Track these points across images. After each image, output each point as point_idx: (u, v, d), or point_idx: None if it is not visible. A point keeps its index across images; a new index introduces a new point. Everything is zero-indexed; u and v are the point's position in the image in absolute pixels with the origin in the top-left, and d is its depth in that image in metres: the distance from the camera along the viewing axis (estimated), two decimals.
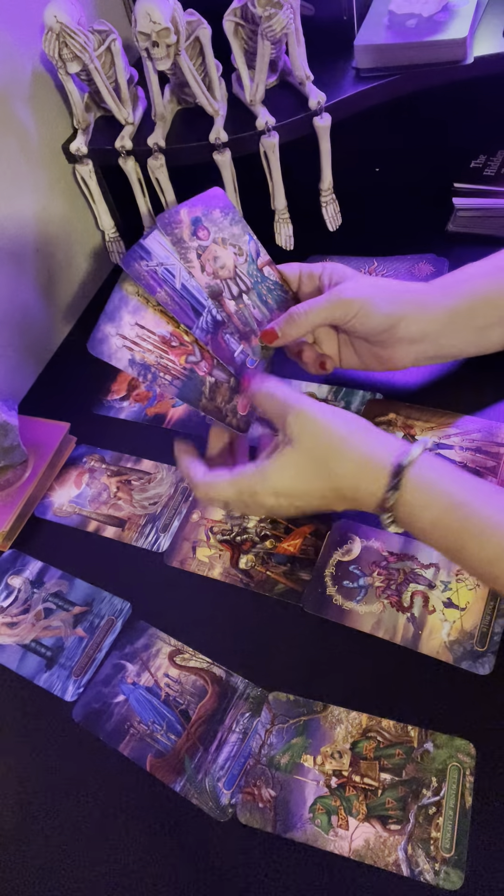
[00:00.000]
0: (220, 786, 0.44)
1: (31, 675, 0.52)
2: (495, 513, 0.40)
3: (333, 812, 0.42)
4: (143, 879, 0.42)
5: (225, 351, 0.54)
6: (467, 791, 0.41)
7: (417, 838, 0.40)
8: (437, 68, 0.65)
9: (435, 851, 0.40)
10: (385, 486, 0.42)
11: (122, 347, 0.51)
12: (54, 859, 0.44)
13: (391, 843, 0.40)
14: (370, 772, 0.43)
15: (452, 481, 0.42)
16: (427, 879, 0.39)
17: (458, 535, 0.41)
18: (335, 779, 0.43)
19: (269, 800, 0.43)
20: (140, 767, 0.46)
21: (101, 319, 0.51)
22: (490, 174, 0.71)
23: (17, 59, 0.66)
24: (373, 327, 0.54)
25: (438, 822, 0.40)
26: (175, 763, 0.45)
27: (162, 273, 0.52)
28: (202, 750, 0.45)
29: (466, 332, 0.55)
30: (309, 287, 0.59)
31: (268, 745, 0.45)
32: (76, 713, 0.49)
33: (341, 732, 0.45)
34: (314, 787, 0.43)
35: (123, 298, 0.52)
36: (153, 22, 0.59)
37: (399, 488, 0.42)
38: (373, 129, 0.75)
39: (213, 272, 0.54)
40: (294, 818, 0.42)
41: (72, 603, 0.55)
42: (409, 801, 0.41)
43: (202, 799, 0.43)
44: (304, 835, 0.42)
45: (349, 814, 0.42)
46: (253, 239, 0.57)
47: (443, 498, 0.42)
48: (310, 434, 0.45)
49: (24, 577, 0.57)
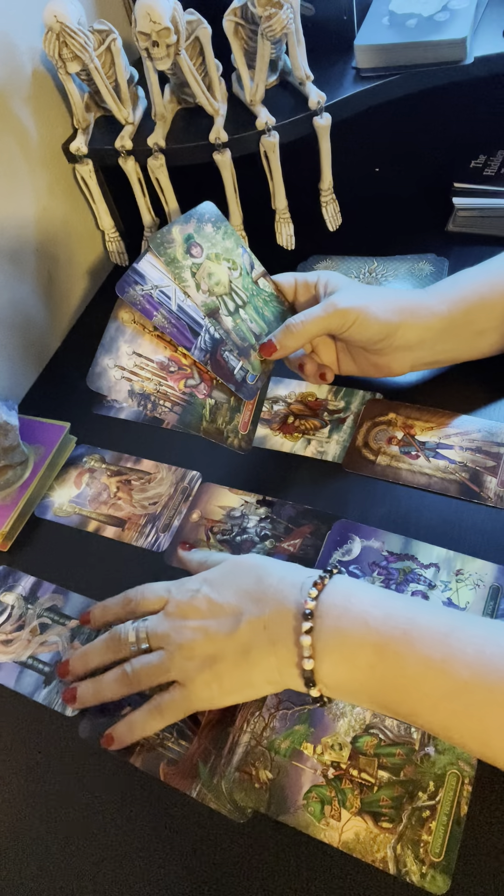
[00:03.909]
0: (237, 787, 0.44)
1: (29, 693, 0.51)
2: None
3: (327, 802, 0.42)
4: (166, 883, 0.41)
5: (224, 369, 0.54)
6: (464, 799, 0.41)
7: (408, 839, 0.40)
8: (437, 68, 0.65)
9: (424, 854, 0.40)
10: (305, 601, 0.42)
11: (120, 379, 0.51)
12: (70, 878, 0.42)
13: (381, 840, 0.40)
14: (368, 767, 0.43)
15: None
16: (412, 880, 0.39)
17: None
18: (333, 770, 0.43)
19: (265, 781, 0.44)
20: (154, 777, 0.45)
21: (98, 352, 0.51)
22: (490, 174, 0.71)
23: (17, 59, 0.66)
24: (370, 336, 0.54)
25: (431, 825, 0.40)
26: (189, 769, 0.45)
27: (157, 296, 0.52)
28: (215, 754, 0.45)
29: (463, 338, 0.56)
30: (305, 296, 0.59)
31: (270, 729, 0.45)
32: (82, 730, 0.48)
33: (344, 725, 0.45)
34: (311, 775, 0.43)
35: (119, 328, 0.52)
36: (153, 22, 0.59)
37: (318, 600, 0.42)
38: (373, 129, 0.75)
39: (208, 289, 0.54)
40: (288, 803, 0.43)
41: (67, 616, 0.54)
42: (404, 801, 0.41)
43: (220, 802, 0.43)
44: (295, 820, 0.42)
45: (343, 806, 0.42)
46: (246, 251, 0.57)
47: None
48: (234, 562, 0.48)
49: (16, 593, 0.57)
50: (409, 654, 0.38)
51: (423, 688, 0.37)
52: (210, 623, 0.44)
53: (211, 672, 0.43)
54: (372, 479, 0.57)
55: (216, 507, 0.58)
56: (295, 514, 0.56)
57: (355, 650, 0.39)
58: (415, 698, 0.38)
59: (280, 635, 0.42)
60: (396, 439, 0.58)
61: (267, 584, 0.44)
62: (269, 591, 0.43)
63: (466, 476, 0.55)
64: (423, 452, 0.57)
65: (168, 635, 0.45)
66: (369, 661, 0.39)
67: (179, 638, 0.44)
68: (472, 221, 0.73)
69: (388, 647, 0.39)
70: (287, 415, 0.63)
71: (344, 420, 0.61)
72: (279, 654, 0.42)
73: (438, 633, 0.38)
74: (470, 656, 0.37)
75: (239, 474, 0.60)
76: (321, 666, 0.40)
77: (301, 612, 0.41)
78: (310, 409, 0.63)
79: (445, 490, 0.54)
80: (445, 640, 0.38)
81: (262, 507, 0.57)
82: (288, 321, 0.55)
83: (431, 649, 0.38)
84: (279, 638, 0.42)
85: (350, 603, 0.41)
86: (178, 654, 0.44)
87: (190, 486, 0.60)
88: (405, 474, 0.56)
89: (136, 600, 0.49)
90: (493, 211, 0.71)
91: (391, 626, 0.39)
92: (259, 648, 0.42)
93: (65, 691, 0.48)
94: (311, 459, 0.59)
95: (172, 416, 0.52)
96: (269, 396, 0.65)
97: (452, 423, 0.58)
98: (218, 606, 0.44)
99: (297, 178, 0.71)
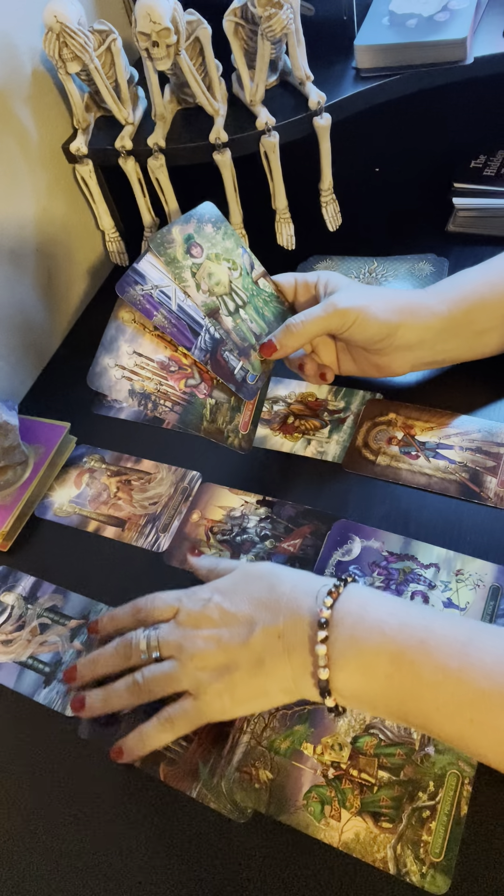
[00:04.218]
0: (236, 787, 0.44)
1: (29, 692, 0.51)
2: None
3: (327, 802, 0.42)
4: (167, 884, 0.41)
5: (225, 369, 0.54)
6: (464, 800, 0.41)
7: (408, 839, 0.40)
8: (437, 68, 0.65)
9: (424, 854, 0.40)
10: (322, 605, 0.42)
11: (121, 378, 0.51)
12: (71, 879, 0.42)
13: (381, 840, 0.40)
14: (368, 768, 0.43)
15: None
16: (412, 880, 0.39)
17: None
18: (333, 770, 0.43)
19: (265, 781, 0.43)
20: (154, 777, 0.45)
21: (98, 352, 0.51)
22: (490, 174, 0.71)
23: (17, 59, 0.66)
24: (370, 336, 0.54)
25: (431, 826, 0.40)
26: (189, 769, 0.45)
27: (158, 296, 0.52)
28: (215, 754, 0.45)
29: (463, 338, 0.56)
30: (305, 296, 0.59)
31: (270, 729, 0.45)
32: (81, 730, 0.48)
33: (344, 726, 0.45)
34: (311, 776, 0.43)
35: (119, 327, 0.52)
36: (153, 22, 0.59)
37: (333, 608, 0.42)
38: (373, 129, 0.75)
39: (208, 289, 0.54)
40: (288, 803, 0.43)
41: (67, 616, 0.54)
42: (404, 801, 0.41)
43: (220, 803, 0.43)
44: (295, 820, 0.42)
45: (342, 806, 0.42)
46: (246, 252, 0.58)
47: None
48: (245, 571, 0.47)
49: (16, 593, 0.57)
50: (426, 664, 0.38)
51: (440, 697, 0.37)
52: (223, 632, 0.44)
53: (224, 682, 0.43)
54: (372, 479, 0.57)
55: (216, 507, 0.58)
56: (295, 515, 0.56)
57: (371, 659, 0.39)
58: (432, 708, 0.38)
59: (295, 644, 0.41)
60: (396, 439, 0.58)
61: (280, 592, 0.44)
62: (283, 599, 0.43)
63: (466, 476, 0.55)
64: (423, 452, 0.57)
65: (180, 644, 0.44)
66: (385, 670, 0.39)
67: (192, 647, 0.44)
68: (472, 221, 0.73)
69: (405, 656, 0.38)
70: (287, 415, 0.63)
71: (344, 420, 0.61)
72: (294, 664, 0.41)
73: (456, 643, 0.38)
74: (488, 666, 0.37)
75: (239, 474, 0.60)
76: (337, 675, 0.40)
77: (316, 621, 0.41)
78: (310, 409, 0.63)
79: (445, 490, 0.54)
80: (463, 650, 0.38)
81: (262, 508, 0.57)
82: (288, 321, 0.55)
83: (449, 658, 0.37)
84: (294, 647, 0.41)
85: (365, 612, 0.41)
86: (191, 664, 0.44)
87: (190, 486, 0.60)
88: (405, 474, 0.56)
89: (146, 609, 0.48)
90: (493, 211, 0.71)
91: (407, 635, 0.39)
92: (273, 658, 0.42)
93: (73, 700, 0.47)
94: (311, 459, 0.59)
95: (173, 415, 0.52)
96: (269, 396, 0.65)
97: (452, 423, 0.58)
98: (230, 615, 0.44)
99: (297, 178, 0.71)
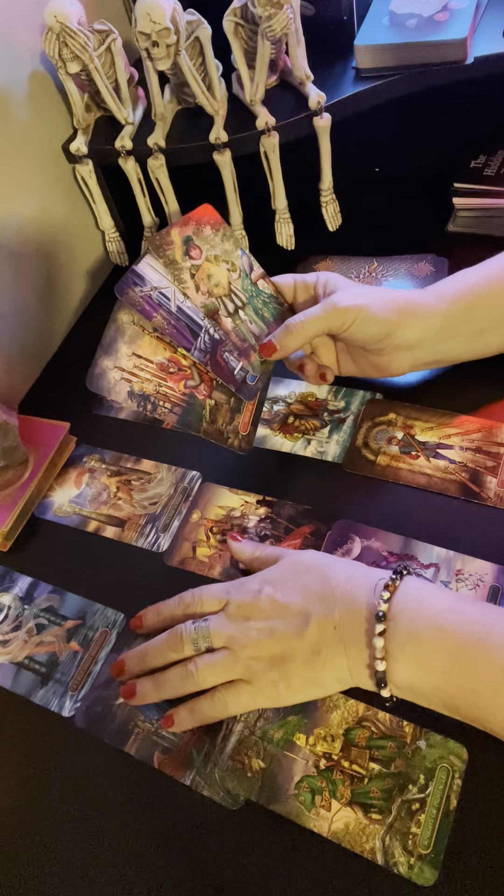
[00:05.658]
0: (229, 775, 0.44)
1: (26, 693, 0.51)
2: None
3: (318, 792, 0.43)
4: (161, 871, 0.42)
5: (224, 370, 0.54)
6: (454, 793, 0.41)
7: (397, 830, 0.41)
8: (437, 68, 0.65)
9: (412, 846, 0.40)
10: (380, 595, 0.42)
11: (120, 380, 0.51)
12: (70, 869, 0.43)
13: (370, 831, 0.41)
14: (359, 759, 0.43)
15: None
16: (400, 871, 0.39)
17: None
18: (324, 760, 0.44)
19: (257, 770, 0.44)
20: (148, 765, 0.46)
21: (97, 354, 0.51)
22: (490, 174, 0.71)
23: (17, 59, 0.66)
24: (370, 335, 0.54)
25: (420, 818, 0.41)
26: (183, 757, 0.45)
27: (157, 297, 0.52)
28: (209, 742, 0.46)
29: (463, 338, 0.56)
30: (304, 297, 0.59)
31: (264, 718, 0.46)
32: (78, 719, 0.49)
33: (337, 717, 0.45)
34: (303, 766, 0.44)
35: (119, 329, 0.52)
36: (153, 22, 0.59)
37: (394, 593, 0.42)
38: (373, 129, 0.75)
39: (207, 291, 0.54)
40: (279, 792, 0.43)
41: (64, 617, 0.54)
42: (394, 793, 0.42)
43: (213, 790, 0.44)
44: (286, 809, 0.42)
45: (333, 796, 0.42)
46: (245, 253, 0.58)
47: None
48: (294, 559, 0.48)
49: (13, 594, 0.57)
50: (485, 662, 0.38)
51: (499, 695, 0.38)
52: (276, 623, 0.44)
53: (278, 672, 0.43)
54: (372, 479, 0.57)
55: (216, 507, 0.58)
56: (295, 514, 0.56)
57: (429, 655, 0.40)
58: (489, 705, 0.38)
59: (352, 636, 0.42)
60: (396, 439, 0.58)
61: (334, 584, 0.44)
62: (337, 591, 0.44)
63: (466, 476, 0.55)
64: (423, 452, 0.57)
65: (232, 635, 0.45)
66: (443, 665, 0.39)
67: (245, 638, 0.44)
68: (472, 221, 0.73)
69: (464, 653, 0.39)
70: (287, 415, 0.63)
71: (344, 420, 0.61)
72: (350, 655, 0.42)
73: None
74: None
75: (239, 474, 0.60)
76: (394, 668, 0.40)
77: (374, 614, 0.41)
78: (310, 409, 0.63)
79: (445, 490, 0.54)
80: None
81: (262, 508, 0.57)
82: (288, 321, 0.55)
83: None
84: (351, 639, 0.42)
85: (423, 606, 0.41)
86: (244, 654, 0.44)
87: (190, 486, 0.60)
88: (405, 474, 0.56)
89: (194, 602, 0.48)
90: (493, 211, 0.71)
91: (467, 632, 0.39)
92: (329, 649, 0.42)
93: (124, 688, 0.47)
94: (311, 459, 0.59)
95: (172, 416, 0.52)
96: (269, 397, 0.65)
97: (452, 423, 0.58)
98: (283, 606, 0.44)
99: (297, 178, 0.71)
